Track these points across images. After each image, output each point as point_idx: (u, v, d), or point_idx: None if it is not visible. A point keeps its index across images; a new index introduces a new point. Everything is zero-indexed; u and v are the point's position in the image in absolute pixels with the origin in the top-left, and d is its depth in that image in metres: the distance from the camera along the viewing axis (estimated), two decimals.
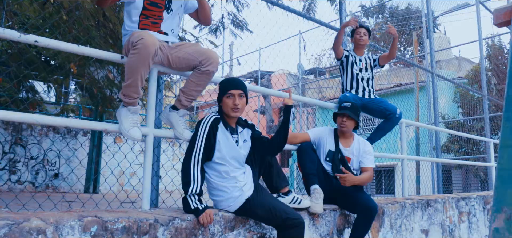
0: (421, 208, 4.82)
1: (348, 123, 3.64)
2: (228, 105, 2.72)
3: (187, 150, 2.62)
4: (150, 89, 2.72)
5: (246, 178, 2.79)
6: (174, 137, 2.80)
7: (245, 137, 2.87)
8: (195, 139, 2.62)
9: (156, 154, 3.02)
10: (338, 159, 3.63)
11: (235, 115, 2.74)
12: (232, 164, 2.71)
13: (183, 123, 2.80)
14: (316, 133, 3.76)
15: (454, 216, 5.60)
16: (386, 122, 4.34)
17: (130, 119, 2.56)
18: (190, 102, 2.82)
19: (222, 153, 2.67)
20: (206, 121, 2.68)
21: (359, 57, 4.50)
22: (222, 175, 2.68)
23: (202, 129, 2.64)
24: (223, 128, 2.73)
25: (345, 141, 3.72)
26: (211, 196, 2.78)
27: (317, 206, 3.28)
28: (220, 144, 2.67)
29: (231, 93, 2.73)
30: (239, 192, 2.69)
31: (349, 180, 3.42)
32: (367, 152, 3.69)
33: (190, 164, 2.56)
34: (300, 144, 3.69)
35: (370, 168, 3.64)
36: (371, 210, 3.35)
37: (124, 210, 2.43)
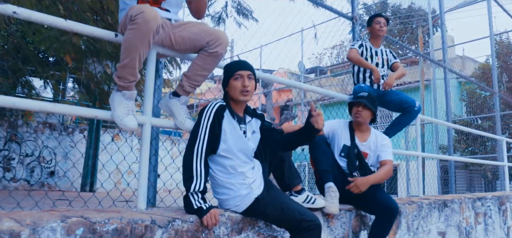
0: (438, 208, 4.50)
1: (364, 114, 3.32)
2: (236, 88, 2.40)
3: (189, 142, 2.30)
4: (148, 73, 2.40)
5: (255, 174, 2.47)
6: (174, 127, 2.47)
7: (254, 128, 2.55)
8: (198, 128, 2.30)
9: (153, 146, 2.69)
10: (354, 155, 3.31)
11: (244, 99, 2.42)
12: (239, 157, 2.39)
13: (185, 111, 2.47)
14: (330, 125, 3.44)
15: (471, 217, 5.28)
16: (403, 116, 4.02)
17: (124, 105, 2.23)
18: (194, 89, 2.49)
19: (228, 145, 2.35)
20: (210, 108, 2.36)
21: (375, 50, 4.19)
22: (228, 170, 2.37)
23: (206, 117, 2.32)
24: (229, 116, 2.41)
25: (361, 134, 3.40)
26: (215, 194, 2.46)
27: (333, 206, 2.96)
28: (226, 134, 2.35)
29: (239, 74, 2.41)
30: (248, 189, 2.38)
31: (360, 183, 3.06)
32: (384, 145, 3.37)
33: (192, 157, 2.24)
34: None
35: (388, 161, 3.32)
36: (392, 211, 3.04)
37: (117, 210, 2.11)
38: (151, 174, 2.65)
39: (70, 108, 2.23)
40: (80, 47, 7.13)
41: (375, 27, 4.18)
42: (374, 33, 4.20)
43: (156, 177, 2.72)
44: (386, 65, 4.21)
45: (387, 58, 4.23)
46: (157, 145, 2.75)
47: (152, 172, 2.67)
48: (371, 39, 4.25)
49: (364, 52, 4.14)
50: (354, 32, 4.61)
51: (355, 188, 3.05)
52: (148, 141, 2.30)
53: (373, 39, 4.24)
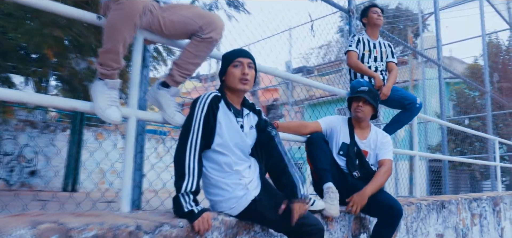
0: (436, 210, 4.33)
1: (365, 109, 3.13)
2: (235, 76, 2.19)
3: (181, 136, 2.07)
4: (134, 60, 2.16)
5: (252, 174, 2.25)
6: (162, 121, 2.23)
7: (251, 123, 2.33)
8: (191, 120, 2.07)
9: (139, 142, 2.45)
10: (354, 153, 3.11)
11: (243, 88, 2.20)
12: (235, 153, 2.17)
13: (174, 104, 2.23)
14: (328, 122, 3.24)
15: (467, 218, 5.13)
16: (404, 113, 3.82)
17: (107, 95, 1.99)
18: (185, 79, 2.25)
19: (224, 139, 2.13)
20: (203, 98, 2.13)
21: (373, 42, 3.99)
22: (222, 168, 2.14)
23: (200, 108, 2.09)
24: (225, 108, 2.19)
25: (361, 131, 3.20)
26: (207, 194, 2.23)
27: (333, 208, 2.75)
28: (221, 126, 2.13)
29: (239, 61, 2.20)
30: (244, 190, 2.15)
31: (359, 200, 2.86)
32: (384, 143, 3.18)
33: (185, 153, 2.01)
34: (310, 134, 3.16)
35: (388, 161, 3.12)
36: (396, 212, 2.84)
37: (97, 213, 1.86)
38: (136, 173, 2.41)
39: (46, 98, 1.98)
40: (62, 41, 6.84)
41: (372, 17, 3.97)
42: (371, 23, 3.99)
43: (142, 176, 2.48)
44: (385, 58, 4.00)
45: (385, 51, 4.02)
46: (143, 141, 2.50)
47: (137, 170, 2.42)
48: (368, 31, 4.04)
49: (361, 48, 3.93)
50: (351, 25, 4.41)
51: (355, 207, 2.86)
52: (133, 136, 2.07)
53: (370, 30, 4.04)
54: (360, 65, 3.85)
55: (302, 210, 2.11)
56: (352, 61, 3.88)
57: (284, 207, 2.11)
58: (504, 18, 10.65)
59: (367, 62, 3.91)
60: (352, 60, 3.89)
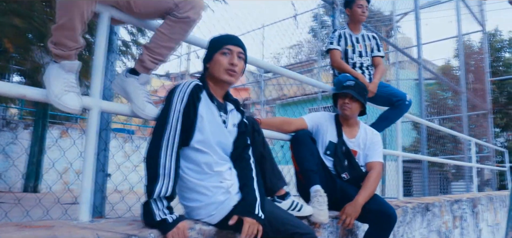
0: (421, 213, 4.14)
1: (352, 106, 2.87)
2: (221, 64, 1.90)
3: (155, 130, 1.76)
4: (99, 43, 1.83)
5: (234, 176, 1.97)
6: (130, 114, 1.91)
7: (235, 120, 2.04)
8: (168, 112, 1.76)
9: (103, 138, 2.11)
10: (342, 153, 2.86)
11: (228, 79, 1.91)
12: (217, 152, 1.88)
13: (145, 94, 1.91)
14: (314, 119, 2.97)
15: (450, 221, 4.98)
16: (392, 110, 3.58)
17: (63, 80, 1.65)
18: (157, 65, 1.93)
19: (205, 135, 1.83)
20: (183, 87, 1.83)
21: (356, 36, 3.73)
22: (202, 168, 1.84)
23: (178, 98, 1.79)
24: (207, 99, 1.89)
25: (349, 129, 2.95)
26: (182, 200, 1.92)
27: (322, 213, 2.48)
28: (203, 121, 1.83)
29: (228, 49, 1.91)
30: (225, 195, 1.86)
31: (352, 212, 2.60)
32: (375, 143, 2.93)
33: (159, 150, 1.70)
34: (295, 132, 2.89)
35: (377, 164, 2.87)
36: (390, 219, 2.59)
37: (49, 224, 1.53)
38: (99, 175, 2.07)
39: None
40: (23, 32, 6.36)
41: (356, 11, 3.68)
42: (355, 18, 3.72)
43: (106, 178, 2.14)
44: (371, 52, 3.76)
45: (370, 44, 3.77)
46: (108, 137, 2.15)
47: (100, 171, 2.09)
48: (351, 24, 3.78)
49: (344, 43, 3.67)
50: (334, 18, 4.16)
51: (348, 218, 2.60)
52: (95, 130, 1.74)
53: (352, 24, 3.77)
54: (343, 65, 3.59)
55: (253, 230, 1.79)
56: (335, 62, 3.62)
57: (233, 222, 1.80)
58: (477, 19, 10.71)
59: (352, 59, 3.66)
60: (335, 60, 3.63)
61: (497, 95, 12.99)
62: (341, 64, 3.59)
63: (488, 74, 11.08)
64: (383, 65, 3.80)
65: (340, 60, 3.62)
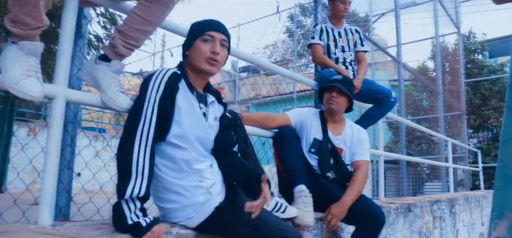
0: (403, 214, 4.04)
1: (340, 100, 2.73)
2: (202, 52, 1.72)
3: (128, 123, 1.57)
4: (65, 23, 1.63)
5: (215, 175, 1.79)
6: (101, 105, 1.70)
7: (216, 113, 1.87)
8: (142, 103, 1.57)
9: (69, 133, 1.90)
10: (327, 151, 2.71)
11: (209, 70, 1.74)
12: (196, 148, 1.70)
13: (117, 83, 1.71)
14: (298, 115, 2.82)
15: (430, 222, 4.92)
16: (378, 107, 3.45)
17: (23, 63, 1.44)
18: (131, 51, 1.73)
19: (183, 129, 1.65)
20: (159, 75, 1.64)
21: (338, 31, 3.59)
22: (179, 166, 1.66)
23: (154, 87, 1.60)
24: (186, 90, 1.71)
25: (334, 126, 2.81)
26: (157, 201, 1.73)
27: (307, 215, 2.33)
28: (181, 113, 1.65)
29: (211, 36, 1.74)
30: (205, 195, 1.69)
31: (338, 212, 2.44)
32: (361, 141, 2.80)
33: (132, 145, 1.51)
34: (278, 128, 2.73)
35: (364, 162, 2.74)
36: (378, 220, 2.46)
37: (3, 229, 1.32)
38: (64, 173, 1.86)
39: None
40: None
41: (338, 6, 3.52)
42: (338, 13, 3.57)
43: (72, 176, 1.92)
44: (354, 46, 3.62)
45: (353, 38, 3.64)
46: (75, 132, 1.94)
47: (65, 169, 1.87)
48: (332, 18, 3.64)
49: (325, 38, 3.53)
50: (316, 13, 4.03)
51: (334, 219, 2.44)
52: (59, 122, 1.53)
53: (334, 18, 3.63)
54: (326, 61, 3.45)
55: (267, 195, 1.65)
56: (318, 57, 3.47)
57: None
58: (453, 22, 10.79)
59: (334, 54, 3.52)
60: (317, 55, 3.48)
61: (471, 96, 13.15)
62: (324, 60, 3.45)
63: (462, 76, 11.19)
64: (367, 60, 3.68)
65: (322, 55, 3.48)
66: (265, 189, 1.64)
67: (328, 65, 3.40)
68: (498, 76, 13.16)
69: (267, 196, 1.62)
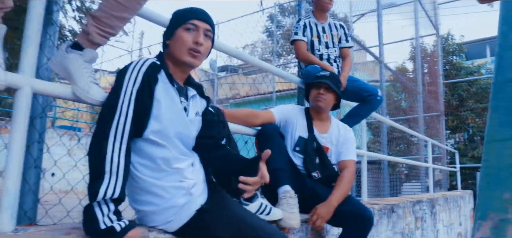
0: (387, 215, 3.98)
1: (327, 97, 2.64)
2: (184, 42, 1.59)
3: (101, 118, 1.43)
4: (31, 9, 1.47)
5: (196, 174, 1.66)
6: (72, 97, 1.55)
7: (197, 108, 1.74)
8: (118, 96, 1.44)
9: (37, 128, 1.74)
10: (313, 150, 2.61)
11: (191, 62, 1.61)
12: (176, 145, 1.57)
13: (90, 73, 1.56)
14: (283, 112, 2.71)
15: (412, 222, 4.88)
16: (363, 106, 3.35)
17: None
18: (106, 39, 1.59)
19: (162, 124, 1.51)
20: (137, 65, 1.50)
21: (322, 26, 3.47)
22: (158, 165, 1.53)
23: (131, 78, 1.46)
24: (166, 82, 1.57)
25: (320, 124, 2.71)
26: (133, 203, 1.59)
27: (293, 217, 2.22)
28: (160, 106, 1.51)
29: (194, 25, 1.61)
30: (186, 197, 1.56)
31: (324, 212, 2.35)
32: (348, 140, 2.71)
33: (106, 142, 1.37)
34: (262, 126, 2.61)
35: (351, 162, 2.65)
36: (367, 222, 2.37)
37: None
38: (31, 172, 1.70)
39: None
40: None
41: (323, 0, 3.44)
42: (321, 6, 3.45)
43: (39, 176, 1.76)
44: (338, 42, 3.51)
45: (337, 34, 3.53)
46: (44, 127, 1.77)
47: (32, 168, 1.71)
48: (316, 13, 3.51)
49: (309, 33, 3.41)
50: (300, 8, 3.92)
51: (319, 220, 2.34)
52: (24, 116, 1.38)
53: (318, 12, 3.50)
54: (311, 57, 3.32)
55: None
56: (301, 54, 3.35)
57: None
58: (432, 23, 10.87)
59: (318, 50, 3.41)
60: (301, 52, 3.35)
61: (449, 97, 13.30)
62: (308, 56, 3.34)
63: (441, 77, 11.29)
64: (351, 57, 3.58)
65: (306, 52, 3.37)
66: (263, 169, 1.56)
67: (313, 62, 3.29)
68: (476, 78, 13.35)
69: (265, 174, 1.55)
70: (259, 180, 1.55)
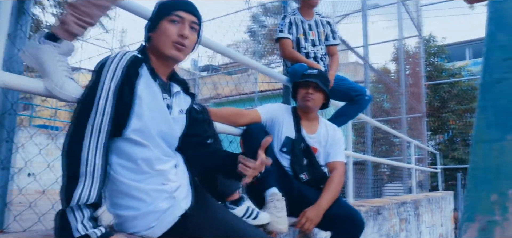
0: (373, 217, 3.92)
1: (316, 97, 2.55)
2: (168, 35, 1.47)
3: (76, 116, 1.31)
4: None
5: (180, 177, 1.56)
6: (44, 93, 1.42)
7: (181, 105, 1.62)
8: (95, 91, 1.32)
9: (5, 126, 1.60)
10: (300, 150, 2.52)
11: (176, 56, 1.50)
12: (159, 145, 1.46)
13: (65, 67, 1.44)
14: (269, 111, 2.61)
15: (397, 224, 4.84)
16: (351, 105, 3.26)
17: None
18: (84, 29, 1.46)
19: (143, 123, 1.40)
20: (117, 59, 1.38)
21: (308, 23, 3.37)
22: (139, 166, 1.41)
23: (110, 73, 1.35)
24: (148, 77, 1.45)
25: (308, 124, 2.62)
26: (112, 208, 1.47)
27: (280, 221, 2.12)
28: (141, 104, 1.40)
29: (179, 16, 1.49)
30: (169, 201, 1.46)
31: (313, 215, 2.26)
32: (337, 140, 2.62)
33: (81, 141, 1.26)
34: (247, 125, 2.51)
35: (340, 164, 2.57)
36: (358, 225, 2.29)
37: None
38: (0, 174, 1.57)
39: None
40: None
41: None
42: (306, 3, 3.34)
43: (8, 178, 1.62)
44: (324, 39, 3.41)
45: (324, 31, 3.43)
46: (13, 124, 1.63)
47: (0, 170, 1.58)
48: (302, 10, 3.38)
49: (295, 31, 3.30)
50: (286, 5, 3.83)
51: (308, 223, 2.25)
52: None
53: (304, 9, 3.37)
54: (297, 56, 3.21)
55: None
56: (287, 52, 3.23)
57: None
58: (415, 25, 10.93)
59: (304, 48, 3.30)
60: (286, 50, 3.23)
61: (431, 99, 13.40)
62: (294, 55, 3.23)
63: (423, 78, 11.35)
64: (337, 57, 3.47)
65: (292, 50, 3.25)
66: (263, 155, 1.49)
67: (299, 60, 3.19)
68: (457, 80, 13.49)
69: (265, 159, 1.48)
70: (259, 164, 1.46)
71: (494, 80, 1.06)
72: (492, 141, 1.02)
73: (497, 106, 1.04)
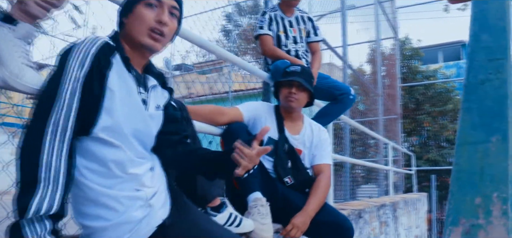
0: (355, 220, 3.81)
1: (300, 96, 2.40)
2: (143, 21, 1.29)
3: (35, 110, 1.13)
4: None
5: (157, 181, 1.38)
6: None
7: (158, 101, 1.44)
8: (58, 82, 1.14)
9: None
10: (284, 152, 2.37)
11: (152, 45, 1.31)
12: (133, 146, 1.28)
13: (23, 53, 1.24)
14: (251, 109, 2.44)
15: (377, 227, 4.76)
16: (335, 105, 3.13)
17: None
18: (45, 11, 1.27)
19: (116, 120, 1.22)
20: (85, 45, 1.19)
21: (289, 20, 3.22)
22: (109, 169, 1.23)
23: (77, 60, 1.16)
24: (121, 67, 1.27)
25: (292, 124, 2.47)
26: (79, 217, 1.28)
27: (265, 228, 1.97)
28: (113, 97, 1.21)
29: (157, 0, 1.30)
30: (144, 209, 1.29)
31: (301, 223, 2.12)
32: (323, 142, 2.49)
33: (41, 141, 1.08)
34: (228, 124, 2.34)
35: (326, 167, 2.43)
36: (346, 233, 2.15)
37: None
38: None
39: None
40: None
41: None
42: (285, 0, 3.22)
43: None
44: (306, 36, 3.27)
45: (305, 28, 3.29)
46: None
47: None
48: (282, 6, 3.25)
49: (275, 28, 3.15)
50: (267, 1, 3.67)
51: (294, 230, 2.11)
52: None
53: (284, 5, 3.24)
54: (278, 52, 3.07)
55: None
56: (268, 49, 3.08)
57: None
58: (392, 26, 10.96)
59: (285, 46, 3.16)
60: (267, 48, 3.09)
61: (406, 100, 13.50)
62: (275, 51, 3.08)
63: (398, 80, 11.40)
64: (320, 54, 3.34)
65: (273, 46, 3.11)
66: (258, 147, 1.35)
67: (281, 57, 3.04)
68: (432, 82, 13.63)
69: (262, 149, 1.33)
70: (256, 154, 1.31)
71: (479, 82, 1.08)
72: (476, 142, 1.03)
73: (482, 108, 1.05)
